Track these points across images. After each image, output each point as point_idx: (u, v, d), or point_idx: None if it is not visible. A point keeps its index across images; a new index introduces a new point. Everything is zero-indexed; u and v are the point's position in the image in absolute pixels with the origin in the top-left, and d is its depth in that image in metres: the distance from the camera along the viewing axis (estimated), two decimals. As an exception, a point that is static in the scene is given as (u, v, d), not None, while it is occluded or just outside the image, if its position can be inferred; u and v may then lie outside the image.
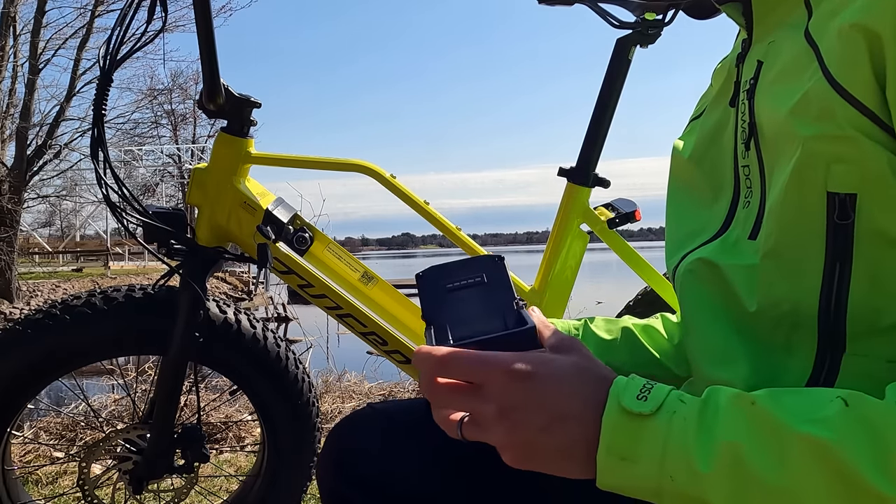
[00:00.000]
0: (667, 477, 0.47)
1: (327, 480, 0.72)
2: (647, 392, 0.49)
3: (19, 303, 12.09)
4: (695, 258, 0.65)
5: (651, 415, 0.48)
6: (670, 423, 0.48)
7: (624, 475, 0.48)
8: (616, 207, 1.63)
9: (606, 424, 0.49)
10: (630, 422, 0.48)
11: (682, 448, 0.47)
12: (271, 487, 1.52)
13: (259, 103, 1.37)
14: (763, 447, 0.45)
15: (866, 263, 0.51)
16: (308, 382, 1.51)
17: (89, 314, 1.33)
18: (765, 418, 0.46)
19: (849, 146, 0.49)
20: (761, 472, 0.44)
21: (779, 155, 0.56)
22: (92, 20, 14.00)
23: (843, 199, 0.50)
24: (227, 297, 14.74)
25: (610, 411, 0.49)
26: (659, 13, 1.49)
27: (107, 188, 1.31)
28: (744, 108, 0.62)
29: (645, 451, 0.47)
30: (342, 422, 0.75)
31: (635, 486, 0.48)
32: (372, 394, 3.36)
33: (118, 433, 1.43)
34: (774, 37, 0.61)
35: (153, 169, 26.85)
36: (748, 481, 0.45)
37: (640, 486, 0.48)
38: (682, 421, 0.47)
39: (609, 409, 0.49)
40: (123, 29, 1.28)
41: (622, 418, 0.48)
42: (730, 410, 0.47)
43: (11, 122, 13.59)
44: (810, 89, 0.52)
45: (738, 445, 0.45)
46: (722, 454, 0.45)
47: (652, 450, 0.47)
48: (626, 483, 0.49)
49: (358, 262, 1.55)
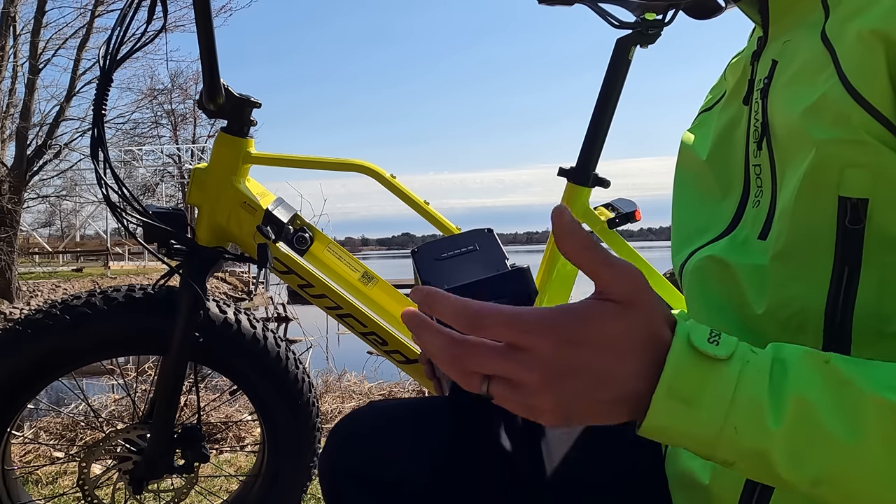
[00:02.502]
0: (731, 427, 0.44)
1: (329, 478, 0.73)
2: (718, 338, 0.46)
3: (19, 303, 12.09)
4: (704, 255, 0.65)
5: (724, 360, 0.45)
6: (742, 371, 0.45)
7: (681, 419, 0.45)
8: (616, 207, 1.63)
9: (672, 363, 0.45)
10: (700, 363, 0.45)
11: (754, 399, 0.44)
12: (271, 487, 1.52)
13: (259, 103, 1.37)
14: (836, 405, 0.43)
15: (875, 269, 0.51)
16: (308, 382, 1.51)
17: (89, 314, 1.33)
18: (839, 377, 0.44)
19: (863, 151, 0.49)
20: (831, 430, 0.42)
21: (791, 156, 0.56)
22: (92, 20, 14.01)
23: (854, 204, 0.50)
24: (227, 297, 14.75)
25: (677, 350, 0.45)
26: (659, 13, 1.49)
27: (107, 188, 1.31)
28: (757, 108, 0.62)
29: (711, 397, 0.44)
30: (344, 420, 0.75)
31: (688, 433, 0.45)
32: (372, 394, 3.36)
33: (118, 433, 1.43)
34: (790, 36, 0.61)
35: (153, 169, 26.84)
36: (816, 438, 0.43)
37: (695, 434, 0.45)
38: (755, 371, 0.45)
39: (676, 347, 0.45)
40: (123, 29, 1.28)
41: (691, 358, 0.45)
42: (802, 366, 0.45)
43: (11, 122, 13.60)
44: (826, 93, 0.52)
45: (809, 401, 0.43)
46: (792, 409, 0.43)
47: (720, 396, 0.44)
48: (679, 428, 0.45)
49: (358, 262, 1.55)
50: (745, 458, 0.45)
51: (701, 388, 0.44)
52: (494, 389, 0.47)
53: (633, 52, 1.55)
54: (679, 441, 0.46)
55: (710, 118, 0.74)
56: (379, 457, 0.71)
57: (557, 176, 1.64)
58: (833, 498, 0.44)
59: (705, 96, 0.80)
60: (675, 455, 0.68)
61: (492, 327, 0.46)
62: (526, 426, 0.71)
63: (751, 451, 0.44)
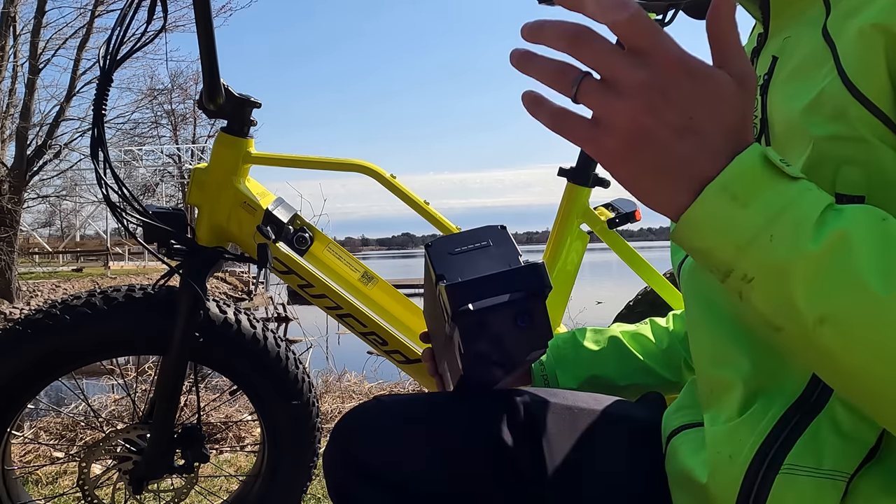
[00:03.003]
0: (767, 235, 0.43)
1: (333, 472, 0.73)
2: (788, 164, 0.45)
3: (19, 303, 12.09)
4: None
5: (792, 178, 0.44)
6: (803, 192, 0.44)
7: (722, 212, 0.44)
8: (616, 207, 1.63)
9: (739, 161, 0.44)
10: (765, 170, 0.44)
11: (804, 217, 0.43)
12: (271, 487, 1.52)
13: (259, 103, 1.37)
14: (877, 253, 0.42)
15: None
16: (308, 382, 1.51)
17: (89, 314, 1.33)
18: (889, 232, 0.43)
19: (860, 148, 0.49)
20: (863, 273, 0.41)
21: (788, 152, 0.56)
22: (92, 20, 14.01)
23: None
24: (227, 297, 14.74)
25: (750, 153, 0.44)
26: (659, 13, 1.49)
27: (107, 188, 1.31)
28: (756, 104, 0.62)
29: (763, 201, 0.44)
30: (348, 414, 0.75)
31: (724, 229, 0.44)
32: (372, 394, 3.36)
33: (118, 433, 1.43)
34: (790, 32, 0.60)
35: (153, 169, 26.84)
36: (846, 274, 0.42)
37: (731, 231, 0.44)
38: (815, 197, 0.44)
39: (750, 151, 0.45)
40: (123, 29, 1.28)
41: (759, 164, 0.44)
42: (858, 211, 0.44)
43: (11, 122, 13.59)
44: (825, 88, 0.52)
45: (852, 239, 0.42)
46: (834, 238, 0.42)
47: (772, 203, 0.44)
48: (716, 221, 0.44)
49: (358, 262, 1.55)
50: (768, 273, 0.44)
51: (757, 190, 0.44)
52: (584, 87, 0.45)
53: (633, 52, 1.55)
54: (711, 239, 0.45)
55: None
56: (385, 451, 0.71)
57: (557, 176, 1.64)
58: (831, 341, 0.43)
59: None
60: (675, 453, 0.68)
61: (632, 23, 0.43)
62: (528, 422, 0.71)
63: (778, 265, 0.43)
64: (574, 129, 0.47)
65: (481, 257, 0.64)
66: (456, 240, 0.68)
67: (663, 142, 0.44)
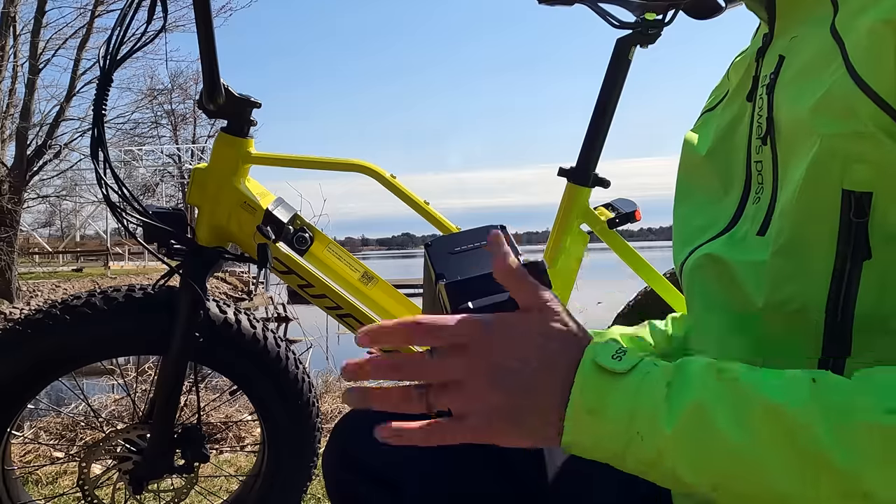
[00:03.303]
0: (636, 435, 0.47)
1: (333, 472, 0.73)
2: (622, 354, 0.50)
3: (19, 303, 12.09)
4: (702, 254, 0.65)
5: (624, 373, 0.49)
6: (642, 382, 0.48)
7: (590, 430, 0.48)
8: (616, 207, 1.63)
9: (579, 380, 0.49)
10: (602, 378, 0.49)
11: (652, 407, 0.47)
12: (271, 487, 1.52)
13: (259, 103, 1.37)
14: (729, 409, 0.46)
15: (877, 264, 0.50)
16: (308, 382, 1.51)
17: (89, 314, 1.33)
18: (733, 384, 0.47)
19: (869, 144, 0.49)
20: (725, 432, 0.45)
21: (794, 151, 0.56)
22: (92, 20, 14.02)
23: (858, 198, 0.50)
24: (227, 297, 14.76)
25: (584, 367, 0.49)
26: (659, 13, 1.49)
27: (107, 188, 1.31)
28: (762, 104, 0.62)
29: (614, 408, 0.48)
30: (348, 414, 0.75)
31: (600, 445, 0.49)
32: (372, 394, 3.36)
33: (118, 433, 1.43)
34: (797, 32, 0.60)
35: (153, 169, 26.87)
36: (712, 441, 0.45)
37: (606, 445, 0.48)
38: (653, 381, 0.48)
39: (584, 365, 0.49)
40: (123, 29, 1.28)
41: (595, 374, 0.49)
42: (701, 374, 0.48)
43: (11, 122, 13.60)
44: (833, 85, 0.51)
45: (703, 405, 0.46)
46: (687, 413, 0.46)
47: (621, 407, 0.48)
48: (591, 440, 0.49)
49: (358, 262, 1.55)
50: (653, 464, 0.47)
51: (604, 398, 0.48)
52: (432, 395, 0.51)
53: (634, 52, 1.55)
54: (598, 454, 0.49)
55: (713, 118, 0.73)
56: (385, 451, 0.71)
57: (557, 176, 1.64)
58: (734, 499, 0.46)
59: (708, 97, 0.80)
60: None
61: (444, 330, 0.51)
62: None
63: (656, 457, 0.47)
64: (446, 434, 0.51)
65: (481, 257, 0.64)
66: (456, 239, 0.69)
67: (515, 398, 0.50)
